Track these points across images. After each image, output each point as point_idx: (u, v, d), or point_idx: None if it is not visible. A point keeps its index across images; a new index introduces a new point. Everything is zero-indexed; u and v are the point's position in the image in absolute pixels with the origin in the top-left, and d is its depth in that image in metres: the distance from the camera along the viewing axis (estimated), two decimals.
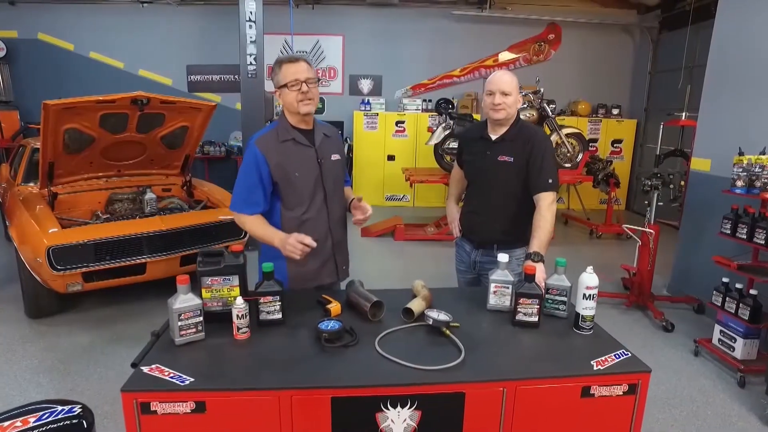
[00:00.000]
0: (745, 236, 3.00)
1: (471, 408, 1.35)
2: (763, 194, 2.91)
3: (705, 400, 2.83)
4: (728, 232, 3.13)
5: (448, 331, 1.57)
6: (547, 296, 1.73)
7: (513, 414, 1.37)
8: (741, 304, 2.99)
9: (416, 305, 1.70)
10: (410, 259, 5.47)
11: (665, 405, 2.77)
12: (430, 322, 1.59)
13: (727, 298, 3.08)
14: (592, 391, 1.39)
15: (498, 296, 1.78)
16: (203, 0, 8.00)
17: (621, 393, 1.41)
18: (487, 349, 1.52)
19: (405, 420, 1.34)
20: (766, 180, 2.91)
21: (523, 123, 2.26)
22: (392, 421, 1.34)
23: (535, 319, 1.65)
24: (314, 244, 1.85)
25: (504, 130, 2.21)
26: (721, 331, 3.17)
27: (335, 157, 2.09)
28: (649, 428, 2.56)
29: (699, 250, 4.08)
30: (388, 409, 1.33)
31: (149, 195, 4.09)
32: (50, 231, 3.27)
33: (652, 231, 3.86)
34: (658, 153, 4.43)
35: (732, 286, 3.10)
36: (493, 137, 2.23)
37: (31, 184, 4.23)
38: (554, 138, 6.17)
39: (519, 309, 1.65)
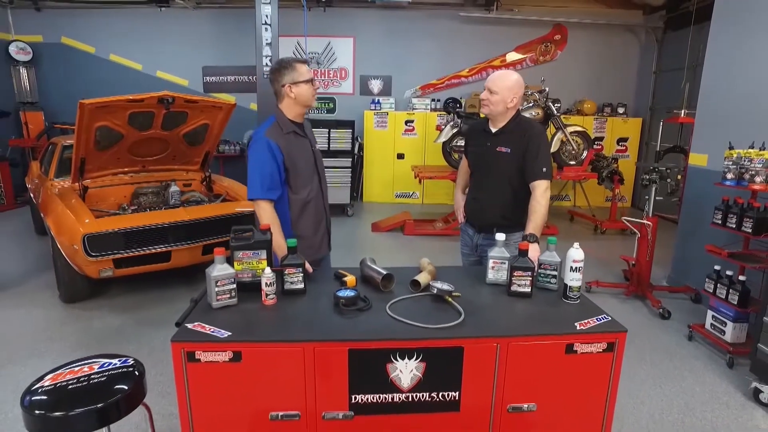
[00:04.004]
0: (734, 225, 3.17)
1: (469, 360, 1.56)
2: (751, 185, 3.08)
3: (695, 378, 3.01)
4: (719, 222, 3.30)
5: (450, 299, 1.78)
6: (539, 271, 1.94)
7: (506, 366, 1.57)
8: (731, 290, 3.16)
9: (422, 278, 1.92)
10: (419, 252, 5.66)
11: (656, 383, 2.95)
12: (435, 291, 1.80)
13: (718, 285, 3.25)
14: (575, 348, 1.59)
15: (496, 271, 1.99)
16: (218, 3, 8.27)
17: (601, 350, 1.61)
18: (484, 314, 1.73)
19: (412, 370, 1.56)
20: (753, 172, 3.07)
21: (521, 118, 2.46)
22: (401, 371, 1.55)
23: (528, 289, 1.85)
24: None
25: (503, 123, 2.41)
26: (712, 316, 3.34)
27: (318, 146, 2.45)
28: (639, 401, 2.75)
29: (697, 242, 4.24)
30: (397, 360, 1.54)
31: (173, 188, 4.35)
32: (86, 221, 3.54)
33: (649, 223, 4.04)
34: (658, 149, 4.59)
35: (723, 273, 3.27)
36: (493, 130, 2.44)
37: (63, 179, 4.52)
38: (559, 136, 6.35)
39: (514, 281, 1.86)
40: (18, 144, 7.90)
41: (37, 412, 1.41)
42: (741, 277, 3.12)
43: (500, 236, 2.00)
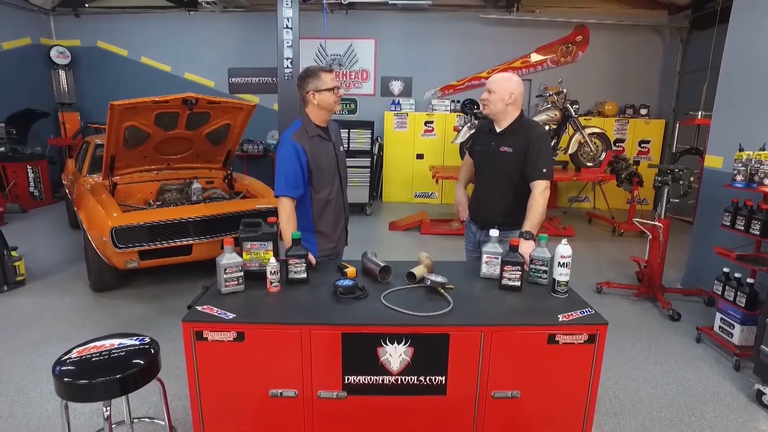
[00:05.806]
0: (742, 227, 3.16)
1: (454, 347, 1.66)
2: (761, 187, 3.06)
3: (698, 379, 3.02)
4: (728, 224, 3.29)
5: (442, 290, 1.88)
6: (531, 266, 2.02)
7: (490, 354, 1.67)
8: (739, 292, 3.15)
9: (418, 270, 2.03)
10: (434, 251, 5.69)
11: (659, 382, 2.97)
12: (428, 283, 1.91)
13: (727, 287, 3.25)
14: (557, 339, 1.68)
15: (489, 266, 2.08)
16: (244, 7, 8.54)
17: (582, 342, 1.68)
18: (473, 305, 1.83)
19: (401, 354, 1.67)
20: (763, 174, 3.06)
21: (525, 119, 2.53)
22: (390, 355, 1.67)
23: (518, 283, 1.94)
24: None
25: (507, 124, 2.50)
26: (721, 319, 3.33)
27: (342, 148, 2.58)
28: (638, 399, 2.79)
29: (711, 244, 4.19)
30: (387, 344, 1.66)
31: (195, 185, 4.57)
32: (114, 215, 3.77)
33: (661, 225, 4.03)
34: (674, 151, 4.57)
35: (732, 275, 3.26)
36: (498, 130, 2.53)
37: (94, 176, 4.80)
38: (577, 137, 6.34)
39: (504, 275, 1.95)
40: (56, 143, 8.35)
41: (65, 379, 1.59)
42: (749, 280, 3.11)
43: (494, 232, 2.09)
